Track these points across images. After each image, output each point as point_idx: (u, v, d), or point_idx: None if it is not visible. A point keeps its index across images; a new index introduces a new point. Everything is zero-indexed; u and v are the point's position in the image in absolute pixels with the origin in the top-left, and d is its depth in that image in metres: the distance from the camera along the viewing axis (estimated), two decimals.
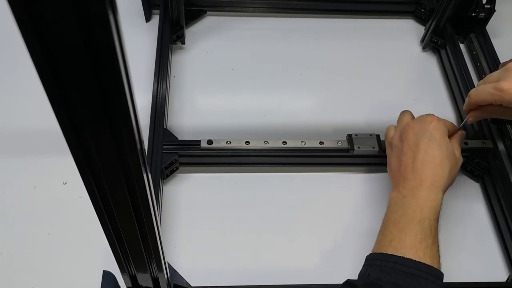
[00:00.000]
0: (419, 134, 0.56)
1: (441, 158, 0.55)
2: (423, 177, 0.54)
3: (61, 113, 0.25)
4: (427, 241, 0.50)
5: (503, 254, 0.65)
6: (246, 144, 0.67)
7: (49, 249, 0.62)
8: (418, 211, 0.52)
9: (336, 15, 0.92)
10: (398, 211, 0.53)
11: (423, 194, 0.53)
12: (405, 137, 0.57)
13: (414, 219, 0.51)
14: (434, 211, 0.52)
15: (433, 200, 0.53)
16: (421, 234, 0.50)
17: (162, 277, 0.46)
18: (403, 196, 0.54)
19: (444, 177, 0.55)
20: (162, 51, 0.78)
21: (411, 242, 0.50)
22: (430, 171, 0.54)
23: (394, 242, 0.50)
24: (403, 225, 0.51)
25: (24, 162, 0.69)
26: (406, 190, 0.54)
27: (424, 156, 0.55)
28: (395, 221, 0.52)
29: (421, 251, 0.49)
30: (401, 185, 0.55)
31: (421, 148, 0.55)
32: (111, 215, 0.34)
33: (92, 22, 0.21)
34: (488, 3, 0.85)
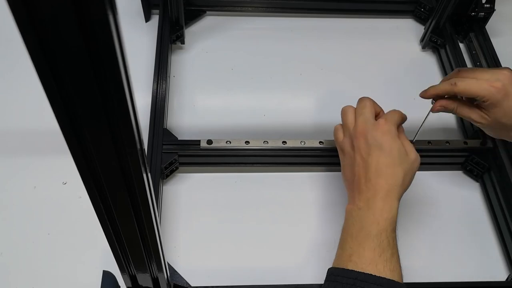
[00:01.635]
0: (370, 142, 0.55)
1: (393, 167, 0.54)
2: (377, 188, 0.53)
3: (60, 113, 0.25)
4: (386, 254, 0.50)
5: (502, 253, 0.65)
6: (245, 144, 0.67)
7: (49, 249, 0.62)
8: (374, 224, 0.51)
9: (336, 14, 0.92)
10: (355, 224, 0.53)
11: (378, 205, 0.52)
12: (357, 146, 0.56)
13: (371, 233, 0.51)
14: (390, 222, 0.52)
15: (388, 211, 0.52)
16: (379, 247, 0.50)
17: (162, 277, 0.46)
18: (359, 209, 0.53)
19: (398, 185, 0.54)
20: (162, 51, 0.78)
21: (370, 256, 0.49)
22: (384, 181, 0.53)
23: (354, 257, 0.50)
24: (361, 240, 0.51)
25: (24, 162, 0.69)
26: (361, 202, 0.53)
27: (376, 166, 0.54)
28: (353, 235, 0.52)
29: (381, 265, 0.49)
30: (356, 197, 0.54)
31: (373, 158, 0.54)
32: (111, 215, 0.34)
33: (92, 22, 0.21)
34: (488, 3, 0.85)
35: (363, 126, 0.56)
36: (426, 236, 0.66)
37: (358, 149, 0.56)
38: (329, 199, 0.68)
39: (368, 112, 0.57)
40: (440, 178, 0.72)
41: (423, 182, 0.71)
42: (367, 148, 0.55)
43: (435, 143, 0.70)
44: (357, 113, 0.58)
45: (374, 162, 0.54)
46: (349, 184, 0.57)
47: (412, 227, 0.67)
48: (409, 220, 0.67)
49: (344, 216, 0.55)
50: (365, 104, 0.59)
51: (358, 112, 0.58)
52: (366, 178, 0.54)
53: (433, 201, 0.69)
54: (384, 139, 0.55)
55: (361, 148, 0.55)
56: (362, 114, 0.58)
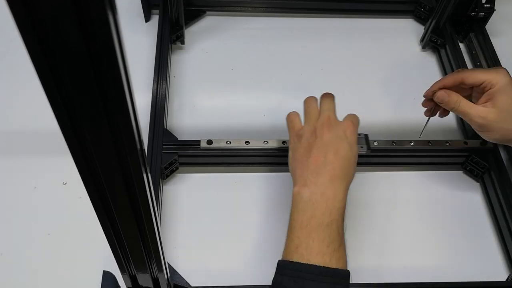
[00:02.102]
0: (336, 132, 0.55)
1: (350, 160, 0.55)
2: (333, 173, 0.53)
3: (60, 113, 0.25)
4: (335, 244, 0.50)
5: (502, 253, 0.65)
6: (245, 144, 0.67)
7: (49, 249, 0.62)
8: (327, 213, 0.51)
9: (336, 14, 0.92)
10: (306, 211, 0.51)
11: (332, 193, 0.52)
12: (320, 134, 0.56)
13: (323, 223, 0.50)
14: (341, 212, 0.52)
15: (340, 200, 0.52)
16: (329, 238, 0.49)
17: (162, 277, 0.46)
18: (311, 193, 0.52)
19: (350, 180, 0.55)
20: (162, 51, 0.78)
21: (318, 247, 0.49)
22: (340, 169, 0.53)
23: (301, 249, 0.49)
24: (311, 229, 0.50)
25: (24, 162, 0.69)
26: (314, 186, 0.52)
27: (335, 153, 0.54)
28: (303, 223, 0.51)
29: (328, 256, 0.49)
30: (309, 179, 0.53)
31: (333, 146, 0.54)
32: (111, 215, 0.34)
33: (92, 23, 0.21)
34: (488, 3, 0.85)
35: (329, 120, 0.57)
36: (426, 236, 0.66)
37: (321, 136, 0.55)
38: None
39: (332, 110, 0.59)
40: (440, 178, 0.72)
41: (423, 182, 0.71)
42: (331, 137, 0.55)
43: (435, 143, 0.70)
44: (323, 108, 0.59)
45: (334, 149, 0.54)
46: (299, 164, 0.55)
47: (412, 227, 0.67)
48: (409, 220, 0.67)
49: (292, 199, 0.54)
50: (330, 101, 0.60)
51: (324, 107, 0.59)
52: (323, 161, 0.53)
53: (433, 201, 0.69)
54: (349, 135, 0.56)
55: (324, 135, 0.55)
56: (328, 109, 0.59)
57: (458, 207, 0.69)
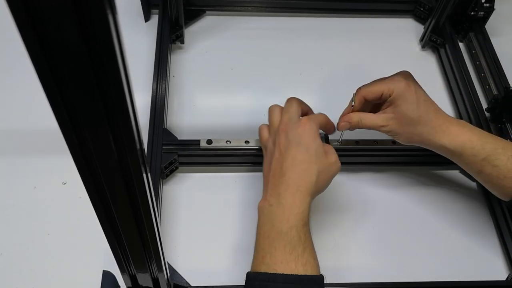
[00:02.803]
0: (290, 138, 0.55)
1: (309, 163, 0.54)
2: (289, 182, 0.53)
3: (60, 113, 0.25)
4: (297, 250, 0.49)
5: (502, 253, 0.65)
6: (245, 143, 0.67)
7: (49, 249, 0.62)
8: (284, 221, 0.51)
9: (336, 14, 0.92)
10: (266, 223, 0.52)
11: (289, 200, 0.52)
12: (278, 142, 0.56)
13: (282, 231, 0.50)
14: (300, 217, 0.51)
15: (299, 206, 0.52)
16: (290, 244, 0.50)
17: (162, 277, 0.46)
18: (270, 205, 0.53)
19: (311, 182, 0.53)
20: (162, 50, 0.78)
21: (281, 256, 0.49)
22: (296, 176, 0.53)
23: (266, 259, 0.50)
24: (272, 239, 0.50)
25: (23, 162, 0.69)
26: (272, 197, 0.53)
27: (292, 161, 0.53)
28: (265, 235, 0.52)
29: (292, 262, 0.49)
30: (269, 192, 0.54)
31: (290, 153, 0.54)
32: (110, 215, 0.34)
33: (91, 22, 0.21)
34: (487, 2, 0.85)
35: (286, 123, 0.57)
36: (426, 236, 0.66)
37: (278, 144, 0.56)
38: (327, 199, 0.68)
39: (293, 111, 0.58)
40: (439, 178, 0.72)
41: (422, 181, 0.71)
42: (286, 143, 0.55)
43: None
44: (283, 112, 0.59)
45: (290, 157, 0.54)
46: (264, 179, 0.57)
47: (412, 226, 0.67)
48: (409, 220, 0.67)
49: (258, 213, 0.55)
50: (292, 104, 0.59)
51: (284, 111, 0.59)
52: (280, 172, 0.54)
53: (433, 200, 0.69)
54: (304, 136, 0.55)
55: (281, 143, 0.55)
56: (287, 112, 0.58)
57: (457, 206, 0.69)
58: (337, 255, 0.64)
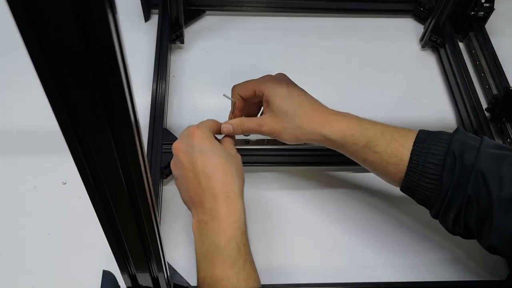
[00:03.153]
0: (189, 151, 0.52)
1: (223, 165, 0.51)
2: (215, 192, 0.50)
3: (60, 113, 0.25)
4: (238, 263, 0.48)
5: None
6: (245, 143, 0.67)
7: (49, 249, 0.62)
8: (222, 234, 0.48)
9: (335, 14, 0.92)
10: (204, 242, 0.49)
11: (222, 211, 0.49)
12: (180, 162, 0.52)
13: (220, 245, 0.48)
14: (238, 226, 0.49)
15: (233, 214, 0.49)
16: (230, 259, 0.47)
17: (162, 277, 0.46)
18: (204, 223, 0.50)
19: (235, 182, 0.51)
20: (161, 50, 0.78)
21: (222, 273, 0.47)
22: (218, 183, 0.50)
23: (207, 279, 0.48)
24: (212, 257, 0.48)
25: (23, 162, 0.69)
26: (205, 215, 0.50)
27: (205, 171, 0.50)
28: (204, 254, 0.49)
29: (234, 277, 0.47)
30: (199, 211, 0.50)
31: (198, 165, 0.51)
32: (110, 215, 0.34)
33: (91, 22, 0.21)
34: (487, 2, 0.85)
35: (177, 142, 0.54)
36: (425, 235, 0.66)
37: (181, 164, 0.52)
38: (328, 196, 0.68)
39: (182, 134, 0.55)
40: None
41: None
42: (189, 158, 0.52)
43: None
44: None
45: (201, 167, 0.51)
46: (189, 202, 0.53)
47: (412, 226, 0.67)
48: (408, 219, 0.67)
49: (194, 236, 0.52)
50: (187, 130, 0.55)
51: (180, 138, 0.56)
52: (201, 187, 0.50)
53: None
54: (201, 142, 0.52)
55: (183, 161, 0.52)
56: (180, 136, 0.55)
57: None
58: (337, 255, 0.64)
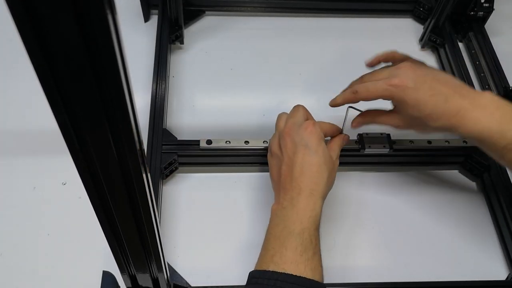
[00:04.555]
0: (296, 141, 0.55)
1: (319, 165, 0.54)
2: (302, 186, 0.53)
3: (60, 114, 0.25)
4: (308, 253, 0.49)
5: (502, 252, 0.65)
6: (245, 143, 0.67)
7: (48, 249, 0.62)
8: (297, 222, 0.51)
9: (335, 14, 0.92)
10: (279, 224, 0.52)
11: (302, 204, 0.52)
12: (283, 145, 0.56)
13: (294, 231, 0.50)
14: (313, 220, 0.52)
15: (312, 210, 0.52)
16: (302, 246, 0.49)
17: (161, 277, 0.46)
18: (283, 208, 0.53)
19: (323, 184, 0.54)
20: (161, 51, 0.78)
21: (292, 256, 0.49)
22: (308, 179, 0.53)
23: (276, 258, 0.49)
24: (284, 239, 0.50)
25: (23, 163, 0.69)
26: (286, 201, 0.53)
27: (301, 165, 0.53)
28: (276, 235, 0.51)
29: (302, 264, 0.48)
30: (281, 196, 0.54)
31: (299, 156, 0.54)
32: (110, 215, 0.34)
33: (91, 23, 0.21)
34: (487, 2, 0.85)
35: (290, 126, 0.57)
36: (425, 235, 0.66)
37: (284, 148, 0.56)
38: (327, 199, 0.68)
39: (298, 116, 0.58)
40: (439, 177, 0.72)
41: (423, 181, 0.71)
42: (293, 147, 0.55)
43: (435, 142, 0.70)
44: (288, 117, 0.59)
45: (299, 160, 0.54)
46: (275, 184, 0.57)
47: (412, 226, 0.67)
48: (408, 219, 0.67)
49: (270, 216, 0.55)
50: (298, 109, 0.59)
51: (289, 116, 0.59)
52: (291, 176, 0.54)
53: (433, 200, 0.69)
54: (310, 138, 0.55)
55: (287, 146, 0.55)
56: (292, 117, 0.58)
57: (457, 206, 0.69)
58: (337, 255, 0.64)
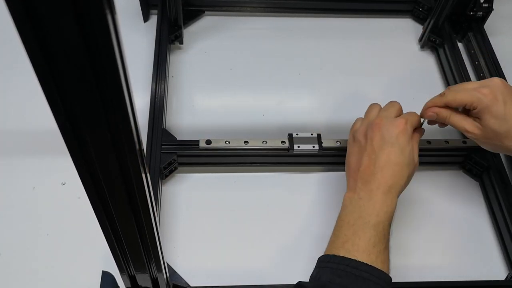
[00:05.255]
0: (385, 137, 0.55)
1: (402, 166, 0.54)
2: (382, 181, 0.53)
3: (59, 114, 0.25)
4: (380, 245, 0.50)
5: (502, 252, 0.65)
6: (244, 143, 0.67)
7: (48, 249, 0.62)
8: (374, 215, 0.51)
9: (335, 14, 0.92)
10: (353, 212, 0.53)
11: (380, 198, 0.52)
12: (370, 137, 0.56)
13: (370, 223, 0.51)
14: (389, 216, 0.52)
15: (388, 205, 0.52)
16: (375, 238, 0.50)
17: (161, 277, 0.46)
18: (359, 198, 0.53)
19: (402, 184, 0.54)
20: (160, 51, 0.78)
21: (365, 245, 0.49)
22: (389, 177, 0.53)
23: (347, 245, 0.50)
24: (358, 228, 0.51)
25: (23, 163, 0.69)
26: (363, 192, 0.53)
27: (386, 161, 0.54)
28: (350, 223, 0.52)
29: (374, 255, 0.49)
30: (359, 187, 0.54)
31: (384, 153, 0.54)
32: (110, 215, 0.34)
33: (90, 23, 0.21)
34: (486, 2, 0.85)
35: (382, 119, 0.57)
36: (425, 235, 0.66)
37: (371, 140, 0.56)
38: (328, 199, 0.68)
39: (392, 111, 0.58)
40: (439, 177, 0.72)
41: (423, 181, 0.71)
42: (381, 142, 0.55)
43: (434, 142, 0.70)
44: (382, 110, 0.60)
45: (385, 156, 0.54)
46: (353, 172, 0.57)
47: (411, 226, 0.67)
48: (408, 219, 0.67)
49: (342, 203, 0.55)
50: (393, 105, 0.59)
51: (383, 109, 0.60)
52: (372, 170, 0.54)
53: (432, 200, 0.69)
54: (400, 138, 0.55)
55: (374, 139, 0.55)
56: (385, 110, 0.59)
57: (457, 206, 0.69)
58: None
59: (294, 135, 0.68)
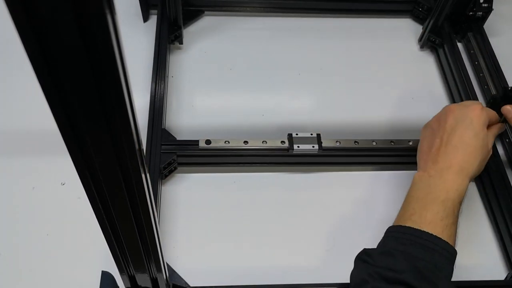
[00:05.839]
0: (459, 118, 0.56)
1: (475, 148, 0.54)
2: (453, 162, 0.53)
3: (59, 114, 0.25)
4: (448, 220, 0.50)
5: (501, 252, 0.65)
6: (244, 143, 0.67)
7: (47, 249, 0.62)
8: (443, 191, 0.51)
9: (334, 14, 0.92)
10: (423, 189, 0.53)
11: (451, 177, 0.53)
12: (444, 120, 0.57)
13: (439, 198, 0.51)
14: (459, 195, 0.52)
15: (459, 184, 0.53)
16: (443, 212, 0.50)
17: (161, 278, 0.46)
18: (430, 176, 0.53)
19: (474, 166, 0.54)
20: (160, 51, 0.78)
21: (431, 218, 0.50)
22: (461, 157, 0.54)
23: (414, 217, 0.50)
24: (426, 202, 0.51)
25: (22, 163, 0.69)
26: (434, 171, 0.54)
27: (458, 142, 0.54)
28: (419, 198, 0.52)
29: (440, 228, 0.49)
30: (429, 166, 0.54)
31: (456, 133, 0.55)
32: (109, 215, 0.34)
33: (90, 23, 0.21)
34: (486, 2, 0.85)
35: (455, 105, 0.57)
36: None
37: (444, 122, 0.56)
38: (327, 199, 0.68)
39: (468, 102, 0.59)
40: None
41: None
42: (453, 123, 0.55)
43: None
44: None
45: (457, 136, 0.54)
46: (424, 154, 0.57)
47: None
48: None
49: (411, 182, 0.56)
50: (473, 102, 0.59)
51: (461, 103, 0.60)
52: (445, 151, 0.54)
53: None
54: (474, 120, 0.55)
55: (447, 121, 0.56)
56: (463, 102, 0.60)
57: None
58: (337, 255, 0.64)
59: (294, 135, 0.68)
